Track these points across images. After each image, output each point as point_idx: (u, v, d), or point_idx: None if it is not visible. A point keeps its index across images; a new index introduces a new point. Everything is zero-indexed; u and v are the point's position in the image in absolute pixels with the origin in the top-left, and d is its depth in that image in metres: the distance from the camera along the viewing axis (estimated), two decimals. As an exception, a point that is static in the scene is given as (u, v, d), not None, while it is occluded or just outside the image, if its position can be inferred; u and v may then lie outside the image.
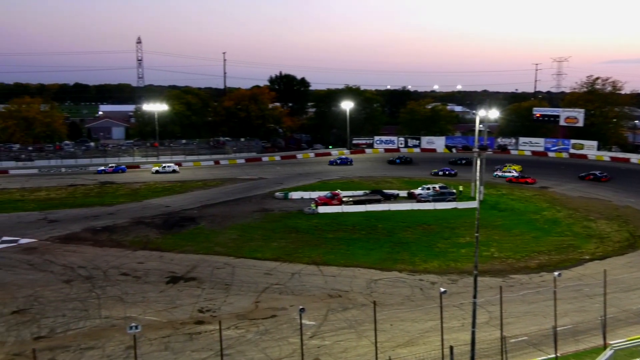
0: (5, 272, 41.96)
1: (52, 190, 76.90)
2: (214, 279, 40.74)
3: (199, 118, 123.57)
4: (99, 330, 32.11)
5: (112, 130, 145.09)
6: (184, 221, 58.15)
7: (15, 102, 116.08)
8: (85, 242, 50.29)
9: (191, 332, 31.68)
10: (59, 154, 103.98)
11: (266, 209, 64.15)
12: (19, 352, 29.30)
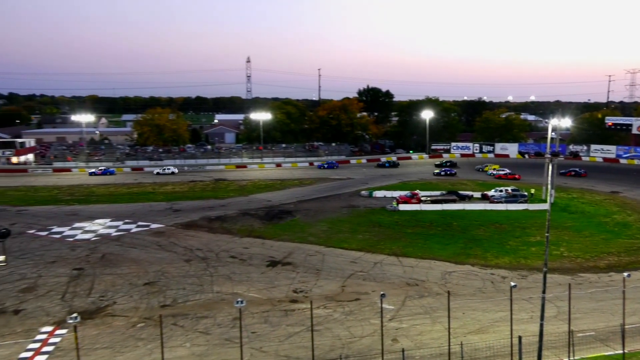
0: (140, 251, 44.89)
1: (177, 185, 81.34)
2: (307, 265, 41.32)
3: (297, 125, 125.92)
4: (211, 302, 33.58)
5: (225, 135, 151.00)
6: (283, 214, 59.42)
7: (150, 112, 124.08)
8: (201, 229, 52.66)
9: (286, 309, 32.35)
10: (183, 155, 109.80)
11: (353, 205, 64.17)
12: (148, 316, 31.29)
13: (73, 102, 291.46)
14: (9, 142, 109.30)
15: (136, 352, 26.88)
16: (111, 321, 30.74)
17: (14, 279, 37.47)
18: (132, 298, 34.27)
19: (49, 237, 49.12)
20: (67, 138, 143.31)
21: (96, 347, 27.23)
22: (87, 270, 39.74)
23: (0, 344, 26.12)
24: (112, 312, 32.09)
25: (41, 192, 74.68)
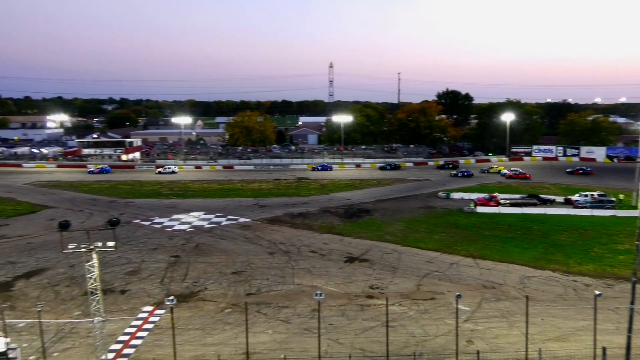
0: (229, 242, 46.80)
1: (263, 182, 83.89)
2: (383, 262, 40.95)
3: (376, 128, 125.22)
4: (292, 293, 34.27)
5: (308, 137, 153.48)
6: (361, 212, 59.32)
7: (240, 115, 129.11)
8: (285, 224, 53.86)
9: (363, 304, 32.27)
10: (269, 155, 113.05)
11: (430, 206, 62.69)
12: (235, 303, 32.55)
13: (174, 106, 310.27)
14: (120, 141, 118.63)
15: (223, 335, 28.07)
16: (202, 305, 32.33)
17: (122, 262, 40.52)
18: (221, 285, 35.81)
19: (151, 227, 52.60)
20: (168, 138, 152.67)
21: (189, 328, 28.78)
22: (183, 258, 42.09)
23: (110, 320, 28.37)
24: (203, 297, 33.75)
25: (145, 186, 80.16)
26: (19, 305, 32.27)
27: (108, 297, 32.52)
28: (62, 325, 29.10)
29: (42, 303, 29.13)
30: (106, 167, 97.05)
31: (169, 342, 24.92)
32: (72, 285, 35.67)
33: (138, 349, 26.38)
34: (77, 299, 33.10)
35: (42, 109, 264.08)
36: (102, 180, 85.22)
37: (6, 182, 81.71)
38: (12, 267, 39.47)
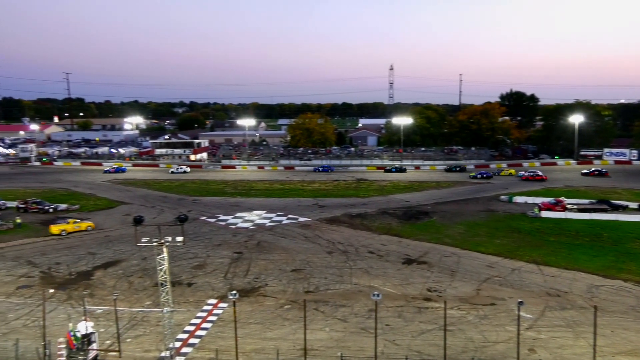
0: (289, 241, 47.49)
1: (323, 183, 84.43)
2: (442, 265, 39.98)
3: (436, 129, 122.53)
4: (350, 293, 34.23)
5: (367, 138, 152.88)
6: (420, 214, 58.26)
7: (302, 117, 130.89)
8: (343, 224, 53.90)
9: (420, 306, 31.67)
10: (329, 156, 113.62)
11: (491, 209, 60.47)
12: (294, 299, 32.98)
13: (239, 109, 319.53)
14: (189, 142, 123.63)
15: (282, 330, 28.53)
16: (263, 300, 33.03)
17: (189, 257, 42.21)
18: (281, 282, 36.41)
19: (216, 224, 54.41)
20: (233, 139, 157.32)
21: (250, 322, 29.49)
22: (245, 254, 43.19)
23: (177, 310, 29.66)
24: (264, 292, 34.47)
25: (211, 185, 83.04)
26: (97, 293, 34.44)
27: (176, 289, 33.98)
28: (135, 313, 30.73)
29: (118, 292, 30.91)
30: (122, 167, 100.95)
31: (231, 335, 25.67)
32: (144, 276, 37.60)
33: (202, 339, 27.37)
34: (148, 290, 34.85)
35: (121, 112, 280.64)
36: (172, 179, 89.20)
37: (88, 180, 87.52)
38: (92, 258, 42.21)
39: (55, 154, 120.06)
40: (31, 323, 29.59)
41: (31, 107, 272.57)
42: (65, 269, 39.53)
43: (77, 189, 76.90)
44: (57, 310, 31.35)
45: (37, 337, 26.43)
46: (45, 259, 41.90)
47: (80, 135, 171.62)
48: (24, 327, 29.22)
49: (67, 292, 34.56)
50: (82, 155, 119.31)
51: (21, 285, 35.93)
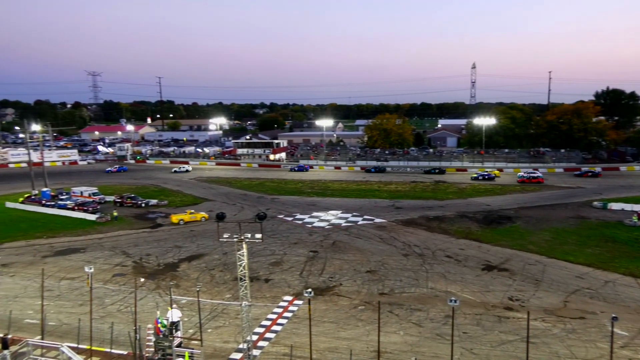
0: (364, 241, 47.38)
1: (399, 184, 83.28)
2: (525, 273, 37.83)
3: (522, 130, 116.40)
4: (425, 297, 33.47)
5: (446, 139, 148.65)
6: (501, 219, 55.60)
7: (379, 117, 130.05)
8: (420, 227, 52.80)
9: (500, 316, 30.22)
10: (406, 157, 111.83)
11: (582, 216, 56.24)
12: (368, 300, 32.85)
13: (317, 110, 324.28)
14: (268, 142, 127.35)
15: (356, 330, 28.52)
16: (337, 300, 33.23)
17: (267, 253, 43.52)
18: (356, 282, 36.42)
19: (293, 222, 55.58)
20: (311, 140, 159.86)
21: (324, 320, 29.80)
22: (321, 253, 43.71)
23: (255, 305, 30.68)
24: (338, 292, 34.67)
25: (289, 184, 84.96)
26: (182, 284, 36.55)
27: (254, 284, 35.16)
28: (216, 305, 32.22)
29: (201, 284, 32.58)
30: (123, 167, 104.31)
31: (305, 332, 26.10)
32: (224, 270, 39.33)
33: (278, 335, 28.10)
34: (228, 283, 36.39)
35: (206, 113, 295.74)
36: (252, 178, 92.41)
37: (176, 177, 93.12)
38: (178, 251, 44.88)
39: (148, 153, 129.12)
40: (124, 308, 32.06)
41: (128, 109, 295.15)
42: (155, 260, 42.37)
43: (166, 186, 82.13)
44: (146, 298, 33.69)
45: (129, 322, 28.58)
46: (137, 250, 45.22)
47: (169, 135, 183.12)
48: (118, 311, 31.73)
49: (156, 282, 37.02)
50: (171, 154, 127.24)
51: (116, 274, 39.05)
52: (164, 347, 24.12)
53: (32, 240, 49.76)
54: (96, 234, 51.56)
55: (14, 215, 61.17)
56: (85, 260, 41.76)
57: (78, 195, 68.00)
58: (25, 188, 75.04)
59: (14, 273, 39.38)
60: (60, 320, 30.32)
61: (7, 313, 28.62)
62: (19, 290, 35.57)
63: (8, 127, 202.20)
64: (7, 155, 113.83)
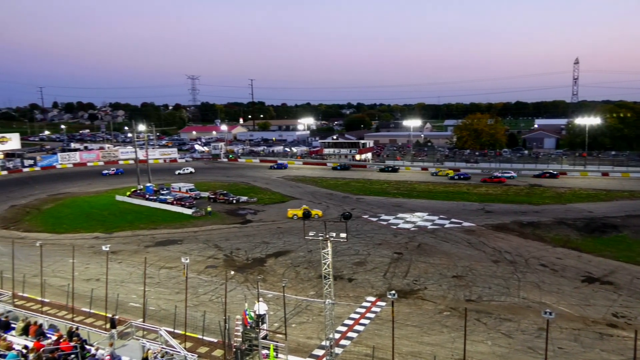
0: (451, 245, 45.88)
1: (490, 187, 79.48)
2: (633, 288, 34.34)
3: (632, 131, 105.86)
4: (516, 307, 31.66)
5: (544, 140, 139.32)
6: (606, 227, 50.95)
7: (470, 117, 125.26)
8: (512, 233, 50.05)
9: (602, 332, 27.72)
10: (498, 159, 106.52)
11: None
12: (454, 307, 31.75)
13: (404, 110, 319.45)
14: (354, 142, 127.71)
15: (440, 337, 27.70)
16: (421, 304, 32.51)
17: (351, 253, 43.69)
18: (441, 287, 35.37)
19: (377, 223, 55.26)
20: (397, 140, 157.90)
21: (407, 324, 29.30)
22: (405, 255, 43.01)
23: (338, 303, 30.93)
24: (422, 296, 33.90)
25: (374, 185, 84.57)
26: (269, 279, 37.83)
27: (338, 282, 35.47)
28: (300, 301, 32.97)
29: (286, 280, 33.50)
30: (120, 169, 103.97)
31: (387, 334, 25.84)
32: (309, 267, 40.10)
33: (360, 335, 28.10)
34: (312, 281, 37.06)
35: (295, 114, 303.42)
36: (338, 177, 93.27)
37: (265, 175, 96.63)
38: (265, 246, 46.54)
39: (240, 152, 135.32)
40: (215, 299, 33.88)
41: (222, 110, 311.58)
42: (244, 254, 44.31)
43: (255, 184, 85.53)
44: (235, 290, 35.33)
45: (219, 312, 30.15)
46: (228, 244, 47.57)
47: (260, 135, 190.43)
48: (209, 301, 33.61)
49: (245, 275, 38.69)
50: (260, 154, 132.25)
51: (209, 265, 41.39)
52: (251, 338, 25.14)
53: (137, 230, 54.32)
54: (192, 227, 55.03)
55: (122, 208, 67.17)
56: (182, 251, 44.74)
57: (177, 190, 73.01)
58: (131, 183, 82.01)
59: (121, 260, 43.22)
60: (159, 306, 32.77)
61: (115, 296, 31.48)
62: (125, 276, 39.00)
63: (119, 128, 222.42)
64: (118, 152, 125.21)
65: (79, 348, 21.34)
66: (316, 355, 25.96)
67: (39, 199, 74.55)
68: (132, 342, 25.68)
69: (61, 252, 45.14)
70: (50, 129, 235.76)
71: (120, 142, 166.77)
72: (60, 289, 34.95)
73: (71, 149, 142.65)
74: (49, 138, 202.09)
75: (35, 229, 56.50)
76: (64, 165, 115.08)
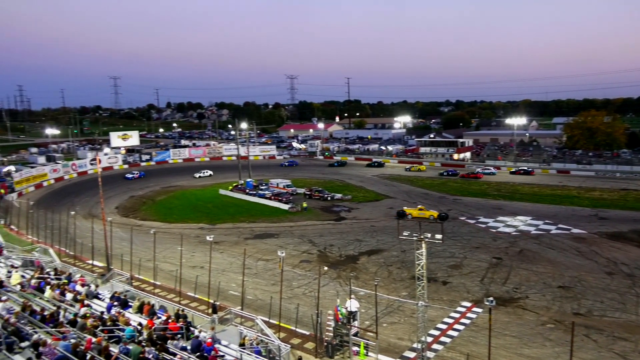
0: (557, 253, 42.57)
1: (605, 191, 72.47)
2: None
3: None
4: (634, 325, 28.56)
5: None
6: None
7: (582, 114, 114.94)
8: (630, 242, 45.15)
9: None
10: (616, 161, 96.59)
11: None
12: (559, 319, 29.47)
13: (507, 107, 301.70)
14: (452, 141, 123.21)
15: (543, 350, 25.87)
16: (522, 313, 30.61)
17: (446, 255, 42.34)
18: (545, 297, 33.00)
19: (475, 226, 52.93)
20: (499, 139, 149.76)
21: (505, 333, 27.75)
22: (505, 261, 40.74)
23: (431, 306, 30.17)
24: (523, 305, 31.89)
25: (473, 185, 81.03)
26: (361, 276, 37.94)
27: (431, 285, 34.58)
28: (392, 301, 32.65)
29: (379, 279, 33.36)
30: (142, 173, 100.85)
31: (483, 342, 24.70)
32: (402, 268, 39.56)
33: (454, 340, 27.16)
34: (405, 281, 36.53)
35: (391, 111, 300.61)
36: (434, 177, 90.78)
37: (360, 174, 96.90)
38: (358, 244, 46.71)
39: (335, 150, 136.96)
40: (308, 292, 34.73)
41: (319, 108, 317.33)
42: (337, 251, 44.87)
43: (350, 181, 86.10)
44: (328, 285, 35.92)
45: (312, 306, 30.86)
46: (322, 240, 48.48)
47: (355, 134, 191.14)
48: (303, 294, 34.54)
49: (338, 272, 39.19)
50: (355, 152, 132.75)
51: (303, 260, 42.52)
52: (342, 334, 25.43)
53: (237, 223, 57.39)
54: (288, 222, 56.88)
55: (225, 201, 71.34)
56: (278, 245, 46.44)
57: (274, 186, 75.84)
58: (233, 178, 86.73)
59: (223, 250, 45.93)
60: (255, 296, 34.36)
61: (216, 283, 33.57)
62: (225, 265, 41.42)
63: (223, 126, 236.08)
64: (222, 149, 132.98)
65: (184, 329, 23.08)
66: (407, 357, 25.58)
67: (154, 190, 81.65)
68: (231, 327, 27.23)
69: (171, 240, 49.12)
70: (164, 127, 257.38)
71: (224, 140, 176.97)
72: (169, 274, 38.04)
73: (181, 145, 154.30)
74: (162, 135, 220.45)
75: (150, 217, 62.02)
76: (175, 160, 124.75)
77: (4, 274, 29.36)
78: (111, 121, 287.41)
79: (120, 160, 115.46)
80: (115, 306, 26.19)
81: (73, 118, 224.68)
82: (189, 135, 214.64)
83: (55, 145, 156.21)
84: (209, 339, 21.03)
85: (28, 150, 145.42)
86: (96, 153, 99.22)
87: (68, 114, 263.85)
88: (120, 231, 51.54)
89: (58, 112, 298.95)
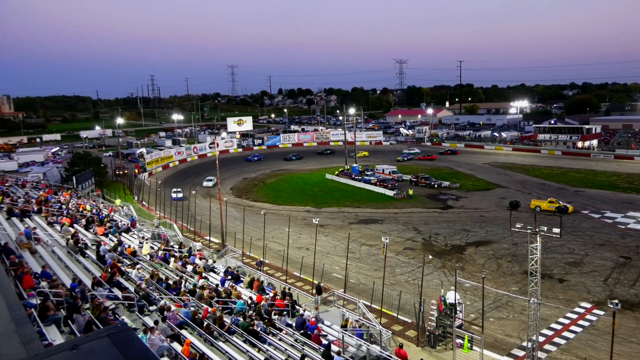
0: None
1: None
2: None
3: None
4: None
5: None
6: None
7: None
8: None
9: None
10: None
11: None
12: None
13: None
14: (577, 128, 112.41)
15: (678, 364, 22.95)
16: (653, 321, 27.38)
17: (564, 251, 39.11)
18: (683, 305, 29.14)
19: (600, 220, 48.10)
20: (633, 126, 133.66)
21: (631, 340, 25.07)
22: (635, 261, 36.56)
23: (544, 304, 28.19)
24: (656, 311, 28.48)
25: (599, 176, 73.43)
26: (468, 268, 36.57)
27: (545, 281, 32.28)
28: (500, 295, 31.07)
29: (487, 272, 31.90)
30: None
31: (604, 348, 22.59)
32: (513, 261, 37.37)
33: (569, 342, 25.17)
34: (515, 275, 34.49)
35: (506, 96, 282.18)
36: (553, 166, 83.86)
37: (469, 161, 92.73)
38: (465, 234, 44.98)
39: (444, 136, 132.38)
40: (411, 280, 34.35)
41: (428, 93, 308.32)
42: (442, 240, 43.66)
43: (459, 169, 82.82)
44: (432, 274, 35.19)
45: (414, 294, 30.50)
46: (427, 228, 47.48)
47: (466, 119, 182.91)
48: (405, 282, 34.26)
49: (442, 261, 38.19)
50: (466, 138, 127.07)
51: (407, 247, 42.05)
52: (445, 325, 24.86)
53: (342, 207, 58.33)
54: (392, 209, 56.50)
55: (331, 186, 72.79)
56: (382, 231, 46.42)
57: (380, 172, 75.57)
58: (340, 163, 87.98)
59: (328, 233, 47.07)
60: (358, 280, 34.81)
61: (321, 265, 34.59)
62: (330, 249, 42.44)
63: (332, 111, 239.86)
64: (330, 134, 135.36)
65: (290, 306, 24.21)
66: (515, 355, 24.27)
67: (265, 173, 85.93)
68: (333, 309, 27.98)
69: (279, 221, 51.46)
70: (275, 112, 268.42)
71: (332, 125, 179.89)
72: (277, 253, 39.99)
73: (291, 130, 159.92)
74: (273, 121, 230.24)
75: (261, 199, 65.49)
76: (285, 145, 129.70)
77: (136, 245, 33.10)
78: (228, 107, 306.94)
79: (235, 144, 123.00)
80: (228, 280, 28.28)
81: (195, 104, 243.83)
82: (298, 120, 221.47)
83: (180, 129, 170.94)
84: (313, 318, 21.84)
85: (157, 134, 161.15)
86: (214, 137, 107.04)
87: (191, 101, 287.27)
88: (235, 211, 55.18)
89: (182, 99, 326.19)
